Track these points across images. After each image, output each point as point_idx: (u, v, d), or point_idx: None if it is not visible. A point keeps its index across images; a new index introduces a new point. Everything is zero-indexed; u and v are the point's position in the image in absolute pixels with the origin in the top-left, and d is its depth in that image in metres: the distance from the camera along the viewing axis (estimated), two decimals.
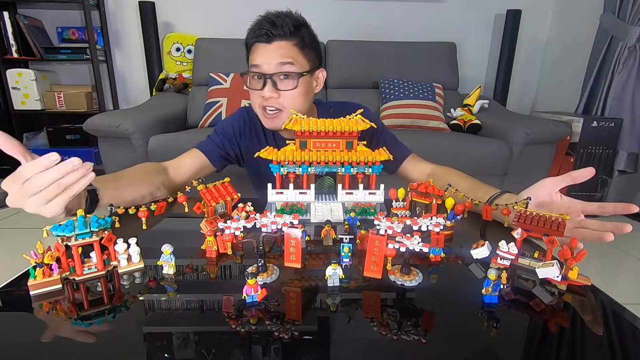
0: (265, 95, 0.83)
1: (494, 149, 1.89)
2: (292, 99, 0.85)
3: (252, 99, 0.89)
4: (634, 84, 2.12)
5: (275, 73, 0.83)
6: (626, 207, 0.54)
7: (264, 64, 0.83)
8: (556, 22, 2.70)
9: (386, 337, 0.39)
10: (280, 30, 0.82)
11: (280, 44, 0.83)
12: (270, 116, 0.86)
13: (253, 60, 0.85)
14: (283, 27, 0.82)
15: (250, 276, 0.43)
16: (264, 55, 0.83)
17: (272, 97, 0.83)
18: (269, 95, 0.83)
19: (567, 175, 0.61)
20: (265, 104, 0.85)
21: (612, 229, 0.54)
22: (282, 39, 0.83)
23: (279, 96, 0.84)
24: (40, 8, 2.55)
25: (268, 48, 0.83)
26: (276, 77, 0.83)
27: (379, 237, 0.49)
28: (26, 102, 2.49)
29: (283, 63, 0.82)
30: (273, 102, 0.84)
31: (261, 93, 0.84)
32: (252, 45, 0.86)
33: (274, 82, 0.83)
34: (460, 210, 0.64)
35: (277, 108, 0.85)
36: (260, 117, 0.89)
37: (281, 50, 0.83)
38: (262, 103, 0.85)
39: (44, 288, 0.46)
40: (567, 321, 0.43)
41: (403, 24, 2.65)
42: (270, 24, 0.82)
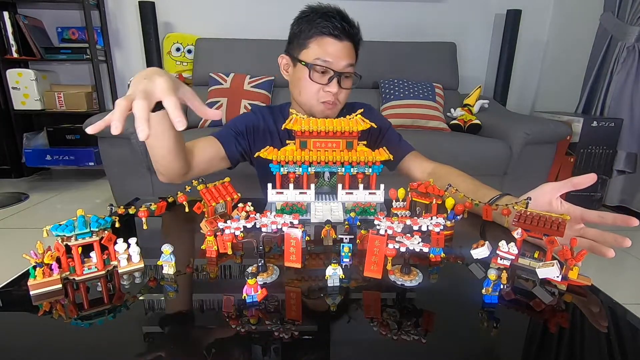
0: (333, 91, 0.86)
1: (494, 149, 1.89)
2: (347, 96, 0.92)
3: (310, 90, 0.88)
4: (633, 83, 2.12)
5: (343, 72, 0.86)
6: (626, 219, 0.54)
7: (335, 60, 0.84)
8: (556, 22, 2.70)
9: (386, 337, 0.39)
10: (353, 30, 0.86)
11: (348, 44, 0.86)
12: (329, 106, 0.89)
13: (320, 54, 0.84)
14: (354, 27, 0.86)
15: (250, 276, 0.43)
16: (335, 51, 0.84)
17: (336, 93, 0.87)
18: (336, 91, 0.86)
19: (567, 181, 0.61)
20: (328, 99, 0.88)
21: (612, 242, 0.54)
22: (350, 39, 0.86)
23: (340, 92, 0.88)
24: (40, 8, 2.56)
25: (339, 45, 0.85)
26: (342, 76, 0.86)
27: (379, 237, 0.49)
28: (26, 102, 2.49)
29: (350, 64, 0.86)
30: (333, 97, 0.88)
31: (326, 87, 0.86)
32: (319, 37, 0.85)
33: (339, 80, 0.86)
34: (460, 210, 0.64)
35: (334, 102, 0.89)
36: (314, 106, 0.90)
37: (350, 51, 0.87)
38: (324, 97, 0.88)
39: (44, 288, 0.46)
40: (567, 321, 0.43)
41: (403, 24, 2.65)
42: (347, 23, 0.85)
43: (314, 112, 0.91)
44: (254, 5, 2.52)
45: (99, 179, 2.72)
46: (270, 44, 2.33)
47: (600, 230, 0.56)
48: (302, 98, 0.91)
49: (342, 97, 0.90)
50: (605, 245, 0.55)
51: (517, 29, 2.55)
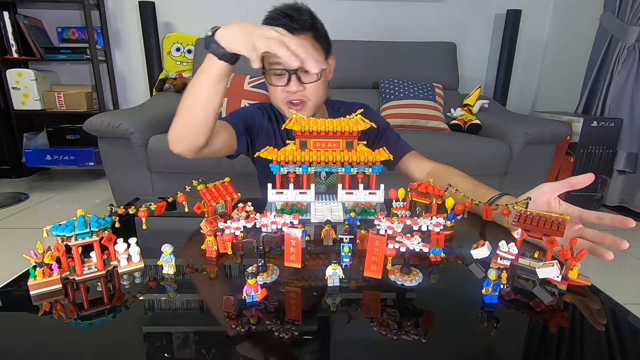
0: (292, 90, 0.85)
1: (494, 149, 1.89)
2: (316, 90, 0.88)
3: (275, 95, 0.88)
4: (633, 83, 2.12)
5: (298, 68, 0.82)
6: (624, 220, 0.54)
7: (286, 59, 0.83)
8: (556, 22, 2.70)
9: (386, 337, 0.39)
10: (299, 23, 0.83)
11: (300, 37, 0.83)
12: (297, 107, 0.88)
13: (272, 57, 0.84)
14: (301, 20, 0.83)
15: (250, 276, 0.43)
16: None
17: (298, 91, 0.85)
18: (296, 89, 0.85)
19: (566, 181, 0.61)
20: (291, 98, 0.86)
21: (610, 243, 0.54)
22: (301, 33, 0.83)
23: (304, 89, 0.86)
24: (40, 8, 2.56)
25: None
26: (300, 71, 0.84)
27: (379, 237, 0.49)
28: (26, 102, 2.49)
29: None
30: (298, 96, 0.86)
31: (286, 88, 0.85)
32: None
33: (298, 77, 0.84)
34: (460, 210, 0.64)
35: (302, 100, 0.87)
36: (285, 111, 0.89)
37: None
38: (287, 97, 0.87)
39: (44, 288, 0.46)
40: (567, 321, 0.43)
41: (403, 24, 2.65)
42: (288, 18, 0.82)
43: (287, 115, 0.90)
44: (254, 6, 2.52)
45: (99, 179, 2.72)
46: None
47: (598, 231, 0.56)
48: (274, 104, 0.92)
49: (309, 94, 0.87)
50: (604, 246, 0.55)
51: (517, 29, 2.55)
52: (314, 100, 0.89)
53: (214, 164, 1.74)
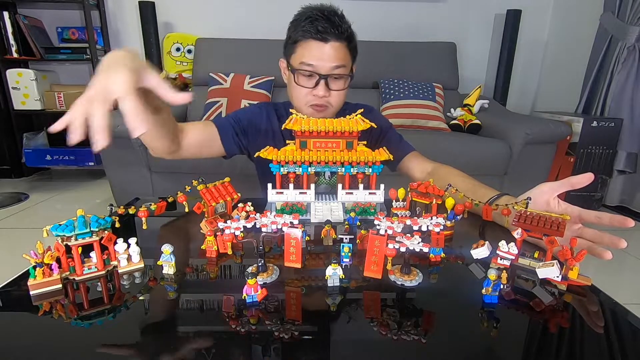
0: (319, 94, 0.85)
1: (494, 149, 1.89)
2: (340, 97, 0.89)
3: (298, 95, 0.88)
4: (634, 83, 2.12)
5: (329, 74, 0.84)
6: (623, 220, 0.54)
7: (320, 63, 0.83)
8: (556, 22, 2.70)
9: (386, 337, 0.39)
10: (338, 30, 0.83)
11: (336, 45, 0.83)
12: (319, 109, 0.88)
13: (305, 58, 0.84)
14: (341, 27, 0.83)
15: (250, 276, 0.43)
16: (319, 54, 0.83)
17: (324, 96, 0.86)
18: (323, 94, 0.85)
19: (565, 180, 0.61)
20: (316, 102, 0.87)
21: (608, 242, 0.54)
22: (337, 40, 0.83)
23: (330, 95, 0.86)
24: (40, 8, 2.56)
25: (324, 48, 0.83)
26: (330, 78, 0.85)
27: (379, 237, 0.49)
28: (26, 102, 2.49)
29: (337, 66, 0.84)
30: (323, 101, 0.86)
31: (313, 91, 0.85)
32: (304, 42, 0.84)
33: (327, 82, 0.85)
34: (460, 210, 0.64)
35: (325, 105, 0.88)
36: (303, 109, 0.89)
37: (337, 53, 0.83)
38: (312, 101, 0.87)
39: (44, 288, 0.46)
40: (567, 321, 0.43)
41: (403, 24, 2.65)
42: (329, 23, 0.82)
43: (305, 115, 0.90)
44: (254, 5, 2.52)
45: (99, 179, 2.72)
46: (270, 44, 2.33)
47: (597, 230, 0.56)
48: (293, 102, 0.92)
49: (333, 100, 0.88)
50: (602, 246, 0.55)
51: (517, 29, 2.55)
52: (336, 107, 0.90)
53: (214, 164, 1.74)
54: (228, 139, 0.93)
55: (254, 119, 0.97)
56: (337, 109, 0.91)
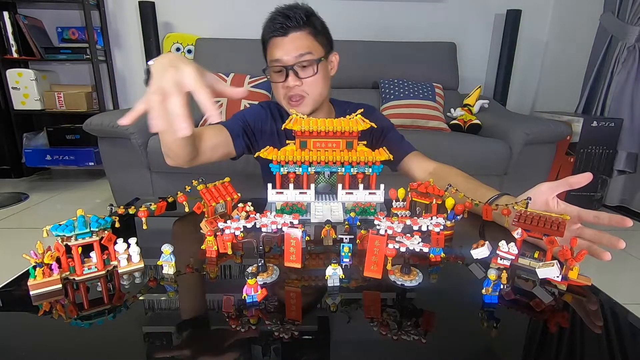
0: (290, 85, 0.87)
1: (494, 149, 1.89)
2: (314, 85, 0.89)
3: (277, 92, 0.91)
4: (633, 83, 2.12)
5: (295, 63, 0.86)
6: (621, 220, 0.54)
7: (283, 56, 0.86)
8: (556, 22, 2.70)
9: (386, 337, 0.39)
10: (294, 21, 0.85)
11: (296, 35, 0.86)
12: (296, 103, 0.89)
13: (272, 55, 0.87)
14: (296, 18, 0.85)
15: (250, 276, 0.43)
16: (282, 48, 0.86)
17: (295, 86, 0.87)
18: (293, 84, 0.87)
19: (563, 180, 0.61)
20: (290, 94, 0.88)
21: (607, 243, 0.54)
22: (297, 30, 0.86)
23: (302, 84, 0.88)
24: (40, 8, 2.56)
25: (285, 41, 0.86)
26: (297, 67, 0.87)
27: (379, 237, 0.49)
28: (26, 102, 2.49)
29: (301, 54, 0.86)
30: (297, 90, 0.88)
31: (285, 84, 0.87)
32: (269, 41, 0.89)
33: (295, 72, 0.87)
34: (460, 210, 0.64)
35: (301, 95, 0.89)
36: (285, 106, 0.92)
37: (298, 41, 0.86)
38: (287, 93, 0.89)
39: (44, 288, 0.46)
40: (567, 321, 0.43)
41: (403, 24, 2.65)
42: (284, 17, 0.85)
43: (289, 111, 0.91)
44: (254, 5, 2.52)
45: (99, 179, 2.72)
46: None
47: (596, 230, 0.56)
48: (278, 101, 0.94)
49: (308, 88, 0.88)
50: (602, 245, 0.55)
51: (517, 29, 2.55)
52: (313, 95, 0.90)
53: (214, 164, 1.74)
54: (239, 141, 0.95)
55: (259, 119, 0.98)
56: (317, 98, 0.91)
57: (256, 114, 0.99)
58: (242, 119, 0.97)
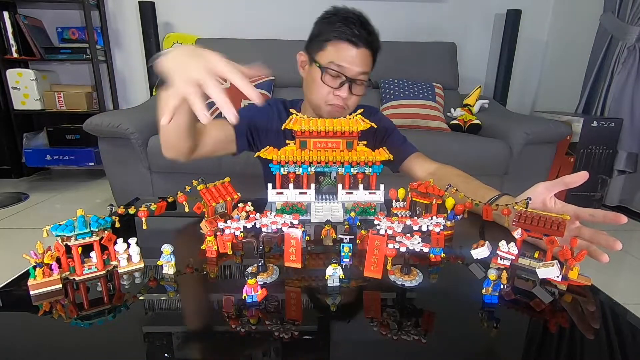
0: (343, 95, 0.86)
1: (494, 149, 1.89)
2: (357, 102, 0.91)
3: (320, 92, 0.88)
4: (634, 84, 2.12)
5: (355, 79, 0.86)
6: (616, 217, 0.54)
7: (350, 66, 0.84)
8: (556, 22, 2.70)
9: (386, 337, 0.39)
10: (371, 37, 0.85)
11: (366, 52, 0.86)
12: (337, 109, 0.89)
13: (335, 59, 0.84)
14: (373, 35, 0.86)
15: (250, 276, 0.43)
16: (350, 58, 0.84)
17: (345, 98, 0.87)
18: (345, 96, 0.87)
19: (559, 180, 0.61)
20: (336, 102, 0.88)
21: (604, 243, 0.53)
22: (367, 47, 0.85)
23: (350, 98, 0.88)
24: (40, 8, 2.56)
25: (355, 52, 0.84)
26: (354, 82, 0.87)
27: (379, 237, 0.49)
28: (26, 102, 2.49)
29: (364, 72, 0.86)
30: (342, 102, 0.88)
31: (336, 92, 0.87)
32: (336, 42, 0.85)
33: (350, 86, 0.86)
34: (460, 210, 0.64)
35: (342, 107, 0.89)
36: (322, 109, 0.91)
37: (365, 59, 0.86)
38: (332, 100, 0.88)
39: (44, 288, 0.46)
40: (567, 321, 0.43)
41: (403, 24, 2.65)
42: (366, 31, 0.84)
43: (322, 112, 0.91)
44: (254, 5, 2.52)
45: (99, 179, 2.72)
46: (271, 44, 2.33)
47: (594, 230, 0.56)
48: (312, 97, 0.92)
49: (351, 103, 0.90)
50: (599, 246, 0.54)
51: (517, 29, 2.55)
52: (350, 110, 0.91)
53: (214, 164, 1.74)
54: (242, 139, 0.94)
55: (265, 117, 0.97)
56: (350, 111, 0.92)
57: (263, 113, 0.98)
58: (247, 116, 0.95)
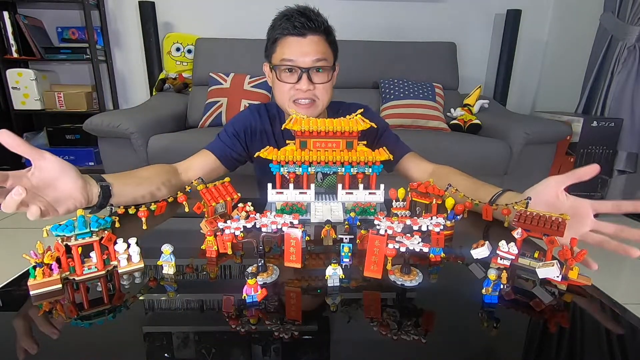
0: (303, 88, 0.86)
1: (494, 149, 1.89)
2: (325, 91, 0.89)
3: (281, 92, 0.89)
4: (634, 83, 2.12)
5: (311, 67, 0.85)
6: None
7: (300, 57, 0.84)
8: (556, 22, 2.70)
9: (386, 337, 0.39)
10: (315, 24, 0.84)
11: (314, 38, 0.85)
12: (305, 106, 0.89)
13: (284, 54, 0.85)
14: (318, 21, 0.84)
15: (250, 276, 0.43)
16: (299, 49, 0.84)
17: (308, 90, 0.86)
18: (306, 88, 0.86)
19: (571, 173, 0.60)
20: (300, 96, 0.87)
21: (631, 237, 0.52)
22: (315, 34, 0.85)
23: (314, 88, 0.87)
24: (40, 8, 2.55)
25: (303, 42, 0.84)
26: (312, 71, 0.86)
27: (379, 237, 0.49)
28: (26, 102, 2.49)
29: (318, 59, 0.85)
30: (309, 95, 0.87)
31: (296, 86, 0.86)
32: (282, 39, 0.86)
33: (309, 76, 0.85)
34: (460, 210, 0.64)
35: (312, 99, 0.88)
36: (289, 108, 0.90)
37: (316, 46, 0.85)
38: (295, 95, 0.88)
39: (44, 288, 0.46)
40: (567, 321, 0.43)
41: (403, 24, 2.65)
42: (305, 17, 0.83)
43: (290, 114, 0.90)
44: (254, 5, 2.52)
45: None
46: None
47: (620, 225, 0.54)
48: (278, 101, 0.92)
49: (319, 93, 0.88)
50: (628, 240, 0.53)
51: (517, 29, 2.54)
52: (323, 101, 0.90)
53: None
54: (228, 161, 0.95)
55: (247, 124, 0.98)
56: (325, 103, 0.91)
57: (243, 120, 0.99)
58: (228, 133, 0.97)
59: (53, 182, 0.55)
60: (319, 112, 0.91)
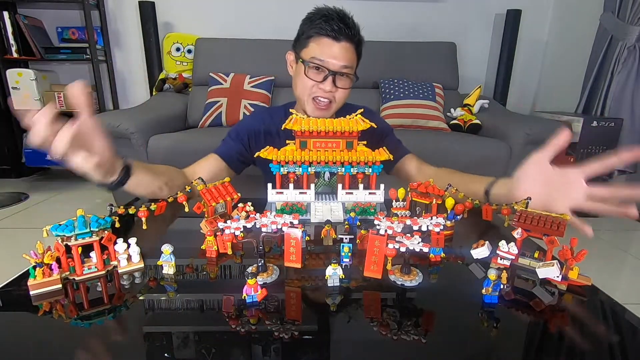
0: (326, 89, 0.88)
1: (494, 149, 1.88)
2: (343, 95, 0.92)
3: (304, 86, 0.90)
4: (634, 83, 2.12)
5: (338, 72, 0.87)
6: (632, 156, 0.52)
7: (330, 60, 0.86)
8: (556, 22, 2.70)
9: (386, 337, 0.39)
10: (351, 31, 0.87)
11: (347, 45, 0.87)
12: (323, 107, 0.91)
13: (317, 53, 0.87)
14: (353, 29, 0.87)
15: (250, 276, 0.43)
16: (330, 52, 0.86)
17: (330, 91, 0.89)
18: (329, 89, 0.88)
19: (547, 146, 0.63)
20: (321, 95, 0.89)
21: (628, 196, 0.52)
22: (349, 42, 0.87)
23: (335, 90, 0.89)
24: (40, 8, 2.55)
25: (336, 46, 0.86)
26: (337, 75, 0.88)
27: (379, 237, 0.49)
28: (26, 102, 2.49)
29: (346, 65, 0.87)
30: (328, 95, 0.89)
31: (320, 85, 0.88)
32: (317, 38, 0.87)
33: (334, 79, 0.88)
34: (460, 210, 0.64)
35: (330, 101, 0.90)
36: (307, 104, 0.92)
37: (347, 53, 0.87)
38: (316, 93, 0.89)
39: (44, 288, 0.46)
40: (567, 321, 0.43)
41: (403, 24, 2.65)
42: (343, 23, 0.86)
43: (306, 108, 0.92)
44: (254, 5, 2.52)
45: None
46: (270, 44, 2.33)
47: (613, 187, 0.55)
48: (297, 92, 0.93)
49: (338, 96, 0.91)
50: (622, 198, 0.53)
51: (517, 29, 2.54)
52: (338, 104, 0.92)
53: None
54: (235, 164, 0.97)
55: (251, 126, 1.00)
56: (339, 106, 0.93)
57: (248, 124, 1.01)
58: (234, 137, 0.98)
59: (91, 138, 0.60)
60: (332, 114, 0.93)
